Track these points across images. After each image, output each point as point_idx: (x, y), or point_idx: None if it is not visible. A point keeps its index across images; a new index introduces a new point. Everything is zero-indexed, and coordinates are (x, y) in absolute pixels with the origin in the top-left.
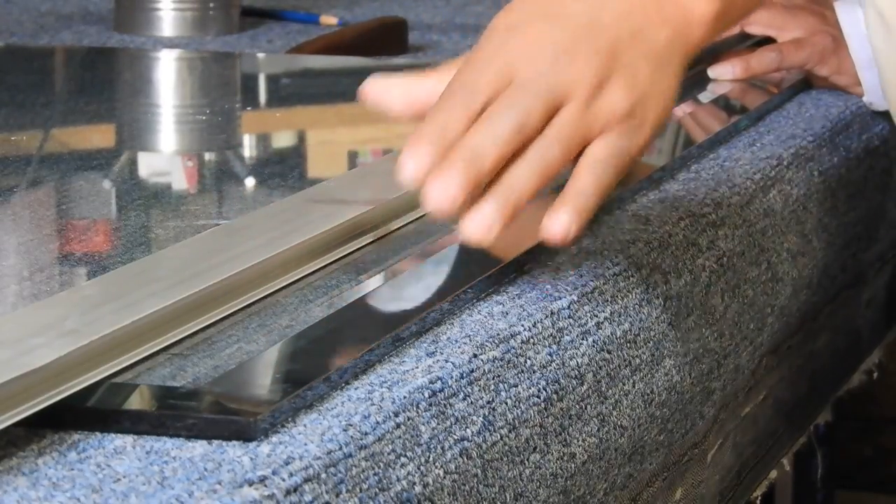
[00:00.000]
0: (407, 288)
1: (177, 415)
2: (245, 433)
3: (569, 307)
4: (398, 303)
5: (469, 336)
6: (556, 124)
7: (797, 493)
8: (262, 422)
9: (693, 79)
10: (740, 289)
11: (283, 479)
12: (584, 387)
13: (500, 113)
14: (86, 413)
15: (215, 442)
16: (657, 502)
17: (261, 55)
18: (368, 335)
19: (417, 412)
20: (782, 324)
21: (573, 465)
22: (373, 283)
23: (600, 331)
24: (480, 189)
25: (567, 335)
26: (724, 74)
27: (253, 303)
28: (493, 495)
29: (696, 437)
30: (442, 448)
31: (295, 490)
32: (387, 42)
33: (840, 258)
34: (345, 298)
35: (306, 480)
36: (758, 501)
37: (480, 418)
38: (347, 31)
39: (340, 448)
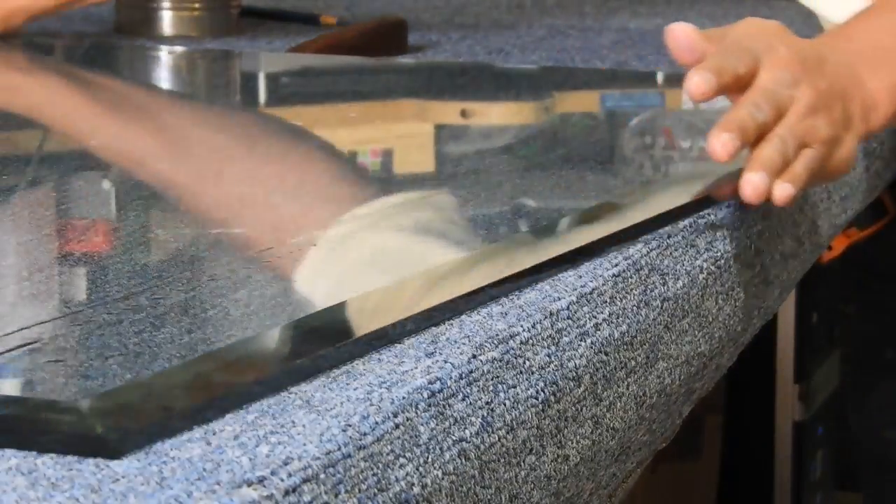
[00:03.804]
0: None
1: (36, 429)
2: (104, 450)
3: (567, 308)
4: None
5: (468, 336)
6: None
7: (797, 494)
8: (122, 441)
9: None
10: (733, 291)
11: (282, 480)
12: (581, 389)
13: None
14: None
15: (214, 442)
16: (623, 495)
17: (262, 53)
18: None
19: (416, 413)
20: (762, 321)
21: (566, 467)
22: None
23: (598, 332)
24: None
25: (566, 336)
26: None
27: None
28: (489, 497)
29: (671, 435)
30: (441, 449)
31: (293, 490)
32: (387, 42)
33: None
34: None
35: (305, 481)
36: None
37: (479, 419)
38: (348, 31)
39: (339, 448)
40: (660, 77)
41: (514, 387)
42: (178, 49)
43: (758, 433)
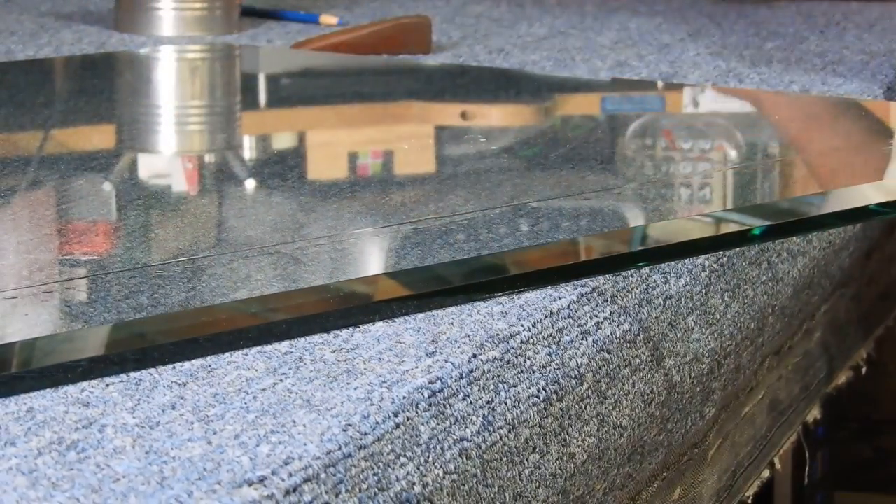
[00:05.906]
0: None
1: None
2: None
3: (568, 307)
4: None
5: (469, 336)
6: None
7: (796, 495)
8: None
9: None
10: (740, 289)
11: (283, 480)
12: (584, 387)
13: None
14: None
15: (214, 442)
16: (655, 502)
17: (281, 49)
18: None
19: (417, 412)
20: (783, 324)
21: (572, 466)
22: None
23: (600, 331)
24: None
25: (567, 335)
26: None
27: None
28: (492, 495)
29: (696, 437)
30: (441, 448)
31: (294, 490)
32: (409, 41)
33: (839, 258)
34: None
35: (305, 480)
36: (749, 501)
37: (480, 418)
38: (368, 30)
39: (340, 448)
40: (660, 84)
41: (515, 386)
42: (183, 45)
43: None
